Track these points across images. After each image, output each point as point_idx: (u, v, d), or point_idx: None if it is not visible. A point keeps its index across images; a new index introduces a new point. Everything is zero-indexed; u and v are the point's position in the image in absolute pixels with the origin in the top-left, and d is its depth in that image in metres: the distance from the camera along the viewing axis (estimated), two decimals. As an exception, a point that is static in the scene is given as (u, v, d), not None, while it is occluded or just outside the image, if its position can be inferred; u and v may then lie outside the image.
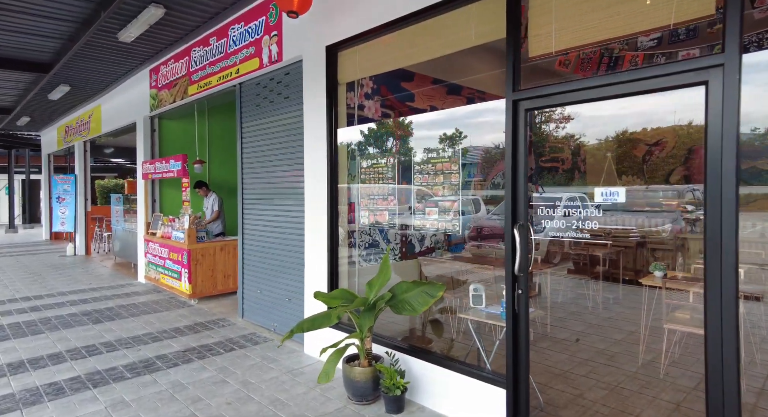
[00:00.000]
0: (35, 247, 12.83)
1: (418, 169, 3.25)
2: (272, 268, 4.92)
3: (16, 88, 8.65)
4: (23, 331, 4.97)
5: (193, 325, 5.18)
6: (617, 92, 2.27)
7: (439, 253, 5.21)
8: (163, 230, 6.97)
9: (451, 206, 3.03)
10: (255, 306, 5.21)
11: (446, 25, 3.11)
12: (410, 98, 5.07)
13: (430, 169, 3.16)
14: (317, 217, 4.10)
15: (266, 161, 4.99)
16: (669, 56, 2.24)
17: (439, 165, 3.10)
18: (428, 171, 3.17)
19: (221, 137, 8.49)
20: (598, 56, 2.49)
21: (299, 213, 4.47)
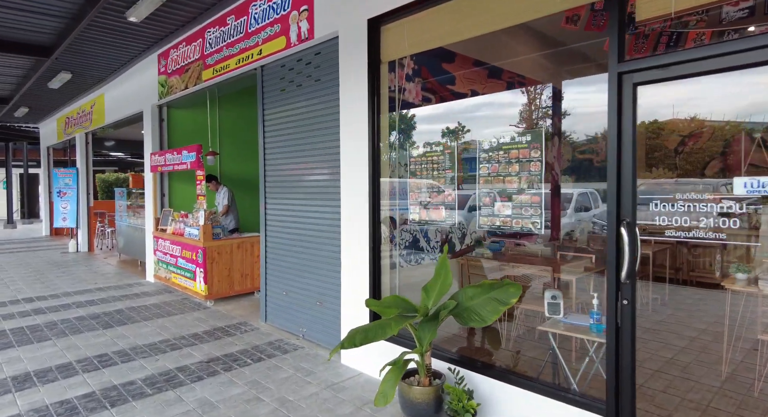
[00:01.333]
0: (35, 243, 12.38)
1: (485, 157, 2.82)
2: (300, 268, 4.50)
3: (13, 75, 8.16)
4: (28, 337, 4.54)
5: (213, 330, 4.76)
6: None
7: (479, 252, 4.80)
8: (174, 226, 6.53)
9: (530, 200, 2.60)
10: (280, 309, 4.80)
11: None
12: (451, 81, 4.62)
13: (501, 156, 2.72)
14: (356, 214, 3.67)
15: (293, 151, 4.55)
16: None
17: (514, 152, 2.66)
18: (499, 159, 2.74)
19: (232, 128, 8.03)
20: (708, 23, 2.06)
21: (334, 209, 4.03)
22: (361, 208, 3.62)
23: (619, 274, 2.20)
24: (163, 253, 6.76)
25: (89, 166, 11.18)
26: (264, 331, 4.71)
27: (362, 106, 3.59)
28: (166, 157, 6.42)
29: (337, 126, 3.97)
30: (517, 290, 2.61)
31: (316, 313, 4.30)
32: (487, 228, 2.85)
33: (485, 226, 2.84)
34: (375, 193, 3.55)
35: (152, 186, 7.18)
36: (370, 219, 3.55)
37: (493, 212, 2.78)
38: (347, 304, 3.81)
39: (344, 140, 3.79)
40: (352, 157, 3.70)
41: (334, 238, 4.03)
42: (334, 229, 4.02)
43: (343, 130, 3.79)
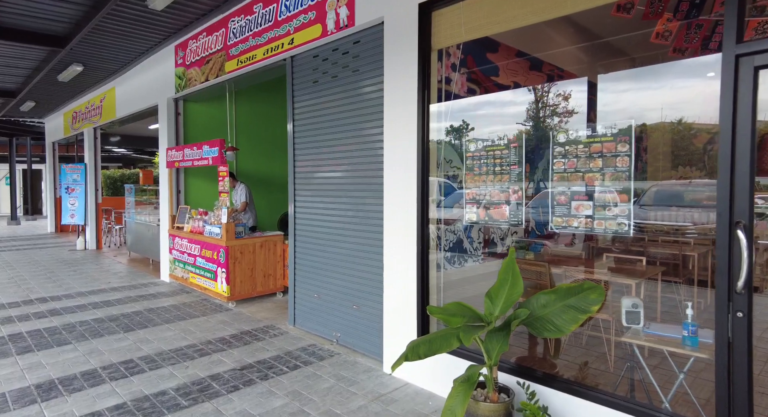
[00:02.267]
0: (41, 240, 12.14)
1: (559, 151, 2.57)
2: (334, 270, 4.26)
3: (23, 68, 7.90)
4: (47, 341, 4.31)
5: (240, 334, 4.53)
6: None
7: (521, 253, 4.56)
8: (192, 224, 6.29)
9: (616, 199, 2.36)
10: (310, 312, 4.56)
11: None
12: (495, 72, 4.38)
13: (581, 151, 2.48)
14: (402, 214, 3.42)
15: (326, 147, 4.30)
16: None
17: (597, 146, 2.42)
18: (577, 154, 2.50)
19: (248, 123, 7.79)
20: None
21: (375, 208, 3.79)
22: (408, 207, 3.37)
23: (732, 282, 1.96)
24: (180, 252, 6.52)
25: (98, 162, 10.93)
26: (294, 336, 4.47)
27: (411, 97, 3.35)
28: (184, 153, 6.17)
29: (379, 119, 3.73)
30: (599, 296, 2.38)
31: (352, 318, 4.06)
32: (559, 229, 2.61)
33: (559, 227, 2.60)
34: (424, 190, 3.31)
35: (168, 182, 6.93)
36: (419, 219, 3.31)
37: (569, 212, 2.54)
38: (391, 309, 3.57)
39: (389, 135, 3.54)
40: (399, 153, 3.45)
41: (375, 239, 3.79)
42: (375, 230, 3.78)
43: (388, 124, 3.54)
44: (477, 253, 4.11)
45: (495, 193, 2.89)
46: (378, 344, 3.78)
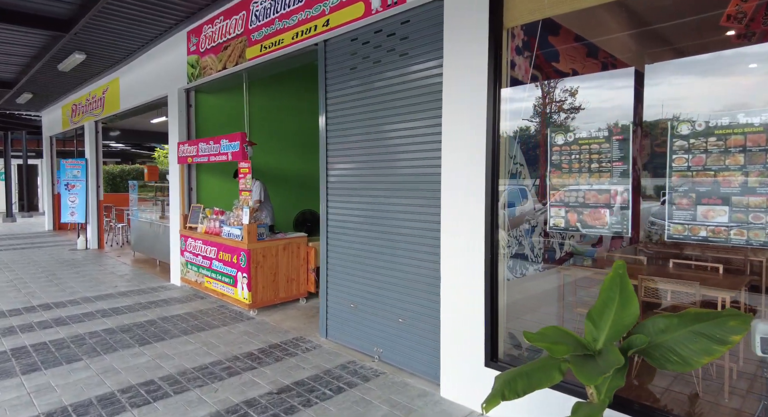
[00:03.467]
0: (39, 239, 11.64)
1: (680, 145, 2.15)
2: (374, 278, 3.83)
3: (21, 55, 7.39)
4: (54, 356, 3.86)
5: (268, 348, 4.09)
6: None
7: (579, 259, 4.15)
8: (207, 225, 5.83)
9: (765, 203, 1.94)
10: (345, 324, 4.13)
11: None
12: (555, 57, 3.96)
13: (713, 145, 2.06)
14: (466, 217, 2.99)
15: (367, 141, 3.86)
16: None
17: (735, 139, 2.00)
18: (707, 148, 2.07)
19: (262, 117, 7.31)
20: None
21: (427, 209, 3.36)
22: (474, 209, 2.94)
23: None
24: (193, 254, 6.06)
25: (99, 157, 10.42)
26: (328, 350, 4.04)
27: (478, 84, 2.91)
28: (199, 147, 5.70)
29: (433, 109, 3.29)
30: (741, 324, 1.96)
31: (398, 332, 3.64)
32: (680, 238, 2.18)
33: (679, 236, 2.18)
34: (494, 191, 2.88)
35: (179, 179, 6.46)
36: (488, 224, 2.88)
37: (693, 218, 2.12)
38: (450, 325, 3.14)
39: (449, 127, 3.10)
40: (462, 148, 3.01)
41: (428, 245, 3.36)
42: (429, 234, 3.35)
43: (448, 115, 3.10)
44: (538, 260, 3.69)
45: (591, 195, 2.46)
46: (431, 364, 3.35)
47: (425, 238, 3.39)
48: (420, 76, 3.39)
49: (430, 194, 3.34)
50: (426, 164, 3.37)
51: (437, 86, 3.26)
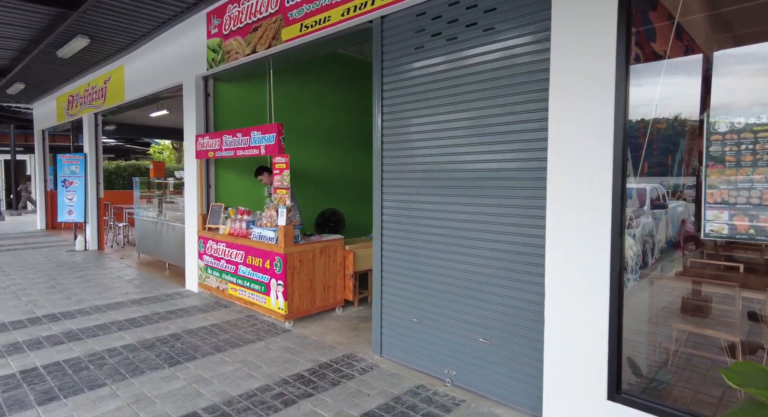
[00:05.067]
0: (32, 239, 10.93)
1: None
2: (444, 290, 3.34)
3: (20, 39, 6.73)
4: (73, 381, 3.30)
5: (318, 368, 3.58)
6: None
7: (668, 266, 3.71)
8: (231, 226, 5.29)
9: None
10: (405, 341, 3.63)
11: None
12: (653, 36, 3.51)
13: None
14: (584, 222, 2.51)
15: (436, 130, 3.36)
16: None
17: None
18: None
19: (285, 109, 6.76)
20: None
21: (525, 211, 2.87)
22: (596, 213, 2.47)
23: None
24: (214, 259, 5.51)
25: (99, 152, 9.76)
26: (388, 371, 3.55)
27: (603, 62, 2.43)
28: (222, 140, 5.15)
29: (530, 92, 2.80)
30: None
31: (477, 353, 3.15)
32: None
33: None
34: (622, 190, 2.40)
35: (197, 176, 5.89)
36: (615, 231, 2.40)
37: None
38: (557, 347, 2.66)
39: (560, 114, 2.62)
40: (578, 139, 2.53)
41: (524, 253, 2.87)
42: (525, 241, 2.86)
43: (558, 101, 2.62)
44: (635, 270, 3.23)
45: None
46: (527, 393, 2.87)
47: (519, 245, 2.90)
48: (511, 54, 2.90)
49: (527, 193, 2.85)
50: (521, 158, 2.88)
51: (536, 65, 2.77)
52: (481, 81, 3.07)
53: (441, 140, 3.33)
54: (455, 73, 3.22)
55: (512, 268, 2.94)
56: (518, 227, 2.90)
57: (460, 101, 3.19)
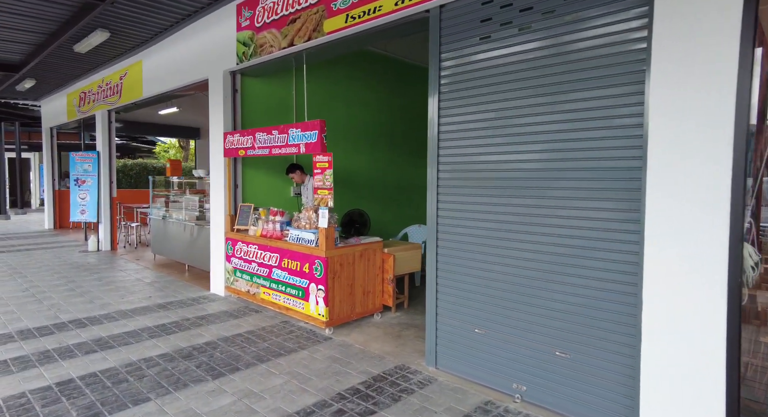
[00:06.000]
0: (42, 239, 10.68)
1: None
2: (511, 298, 3.11)
3: (38, 33, 6.48)
4: (114, 395, 3.07)
5: (372, 381, 3.35)
6: None
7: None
8: (263, 227, 5.05)
9: None
10: (464, 352, 3.41)
11: None
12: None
13: None
14: (697, 225, 2.29)
15: (503, 127, 3.13)
16: None
17: None
18: None
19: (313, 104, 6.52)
20: None
21: (612, 214, 2.65)
22: (710, 216, 2.24)
23: None
24: (244, 261, 5.28)
25: (112, 150, 9.52)
26: (448, 385, 3.32)
27: (723, 42, 2.20)
28: (256, 138, 4.91)
29: (625, 83, 2.58)
30: None
31: (552, 367, 2.93)
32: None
33: None
34: (744, 191, 2.18)
35: (225, 175, 5.66)
36: (734, 237, 2.18)
37: None
38: (658, 366, 2.44)
39: (662, 104, 2.39)
40: (687, 132, 2.31)
41: (612, 260, 2.65)
42: (614, 246, 2.64)
43: (661, 87, 2.39)
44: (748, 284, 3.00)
45: None
46: (616, 412, 2.64)
47: (605, 251, 2.68)
48: (600, 43, 2.67)
49: (617, 194, 2.63)
50: (609, 156, 2.65)
51: (629, 55, 2.55)
52: (561, 73, 2.84)
53: (512, 137, 3.10)
54: (528, 65, 2.99)
55: (598, 276, 2.71)
56: (605, 231, 2.68)
57: (535, 95, 2.97)
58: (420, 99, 8.59)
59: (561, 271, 2.87)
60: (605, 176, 2.68)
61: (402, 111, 8.03)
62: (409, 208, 8.27)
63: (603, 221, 2.69)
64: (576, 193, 2.80)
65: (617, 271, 2.63)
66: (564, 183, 2.86)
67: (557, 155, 2.88)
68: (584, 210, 2.77)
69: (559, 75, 2.85)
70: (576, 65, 2.77)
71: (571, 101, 2.80)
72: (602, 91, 2.67)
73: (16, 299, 5.41)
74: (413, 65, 8.04)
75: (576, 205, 2.81)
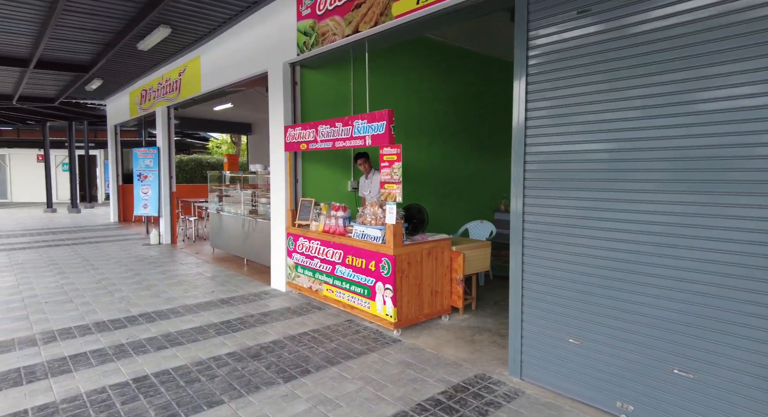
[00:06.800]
0: (108, 231, 11.21)
1: None
2: (616, 306, 2.74)
3: (106, 31, 6.66)
4: (188, 395, 2.99)
5: (453, 392, 3.09)
6: None
7: None
8: (326, 222, 4.90)
9: None
10: (556, 362, 3.07)
11: None
12: None
13: None
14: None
15: (613, 109, 2.75)
16: None
17: None
18: None
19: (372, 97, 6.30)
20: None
21: (759, 212, 2.22)
22: None
23: None
24: (306, 257, 5.16)
25: (171, 146, 9.77)
26: (538, 399, 3.00)
27: None
28: (318, 131, 4.75)
29: None
30: None
31: (670, 386, 2.54)
32: None
33: None
34: None
35: (285, 169, 5.56)
36: None
37: None
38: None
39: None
40: None
41: (756, 266, 2.22)
42: (761, 250, 2.21)
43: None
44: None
45: None
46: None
47: (739, 255, 2.26)
48: (734, 7, 2.24)
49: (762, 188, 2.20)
50: (759, 141, 2.22)
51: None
52: (688, 45, 2.42)
53: (624, 122, 2.71)
54: (643, 38, 2.59)
55: (734, 284, 2.30)
56: (746, 232, 2.25)
57: (656, 72, 2.56)
58: (475, 87, 8.20)
59: (685, 277, 2.47)
60: (752, 166, 2.25)
61: (456, 101, 7.67)
62: (462, 202, 7.92)
63: (743, 220, 2.27)
64: (712, 186, 2.39)
65: (761, 280, 2.21)
66: (694, 175, 2.44)
67: (684, 142, 2.47)
68: (737, 207, 2.35)
69: (697, 44, 2.43)
70: (709, 34, 2.35)
71: (709, 77, 2.38)
72: (751, 62, 2.23)
73: (91, 291, 5.59)
74: (468, 51, 7.66)
75: (710, 200, 2.39)
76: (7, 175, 21.33)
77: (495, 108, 8.44)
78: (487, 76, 8.18)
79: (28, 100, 12.22)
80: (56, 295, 5.37)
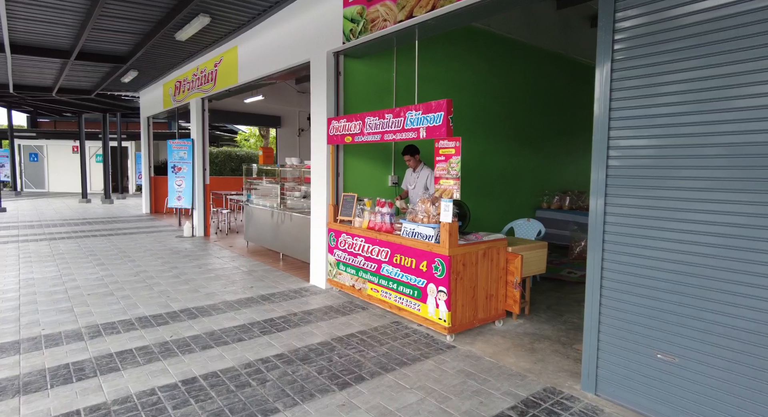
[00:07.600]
0: (141, 223, 11.30)
1: None
2: (721, 321, 2.42)
3: (145, 21, 6.57)
4: (240, 401, 2.82)
5: (524, 407, 2.83)
6: None
7: None
8: (371, 219, 4.68)
9: None
10: (639, 380, 2.77)
11: None
12: None
13: None
14: None
15: (716, 98, 2.42)
16: None
17: None
18: None
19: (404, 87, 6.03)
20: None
21: None
22: None
23: None
24: (349, 254, 4.96)
25: (205, 138, 9.73)
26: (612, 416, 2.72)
27: None
28: (365, 123, 4.52)
29: None
30: None
31: (754, 403, 2.22)
32: None
33: None
34: None
35: (327, 163, 5.36)
36: None
37: None
38: None
39: None
40: None
41: None
42: None
43: None
44: None
45: None
46: None
47: None
48: None
49: None
50: None
51: None
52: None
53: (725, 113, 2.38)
54: (757, 16, 2.24)
55: None
56: None
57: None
58: (521, 79, 7.82)
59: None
60: None
61: (500, 93, 7.32)
62: (502, 200, 7.60)
63: None
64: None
65: None
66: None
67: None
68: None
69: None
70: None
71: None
72: None
73: (130, 284, 5.54)
74: (513, 40, 7.29)
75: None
76: (44, 166, 21.94)
77: (539, 102, 8.05)
78: (534, 68, 7.80)
79: (66, 92, 12.40)
80: (97, 288, 5.34)
